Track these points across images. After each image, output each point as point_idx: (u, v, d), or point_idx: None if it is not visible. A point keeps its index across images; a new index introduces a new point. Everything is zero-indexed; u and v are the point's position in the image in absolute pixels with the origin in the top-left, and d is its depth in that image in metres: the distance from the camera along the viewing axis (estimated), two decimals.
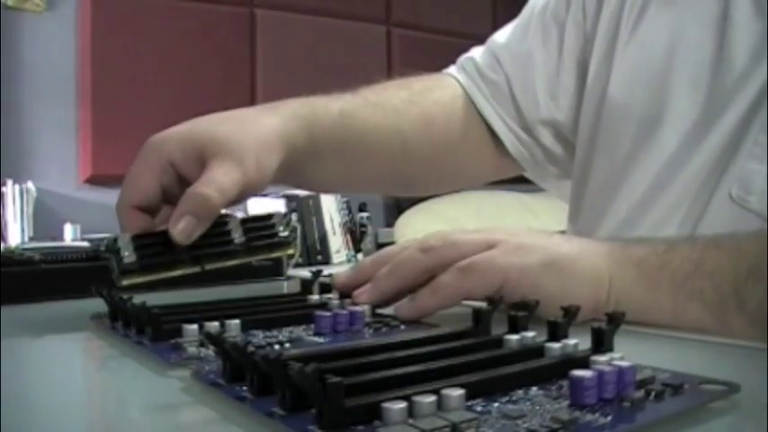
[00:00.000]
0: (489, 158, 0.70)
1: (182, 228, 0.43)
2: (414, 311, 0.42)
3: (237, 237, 0.46)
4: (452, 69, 0.72)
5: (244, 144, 0.48)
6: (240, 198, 0.48)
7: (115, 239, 0.43)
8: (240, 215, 0.48)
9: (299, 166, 0.57)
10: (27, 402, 0.28)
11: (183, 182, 0.47)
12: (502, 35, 0.71)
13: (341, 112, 0.61)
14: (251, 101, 2.56)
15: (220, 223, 0.46)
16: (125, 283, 0.42)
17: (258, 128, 0.51)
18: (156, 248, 0.44)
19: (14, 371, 0.33)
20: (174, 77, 2.40)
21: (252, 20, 2.56)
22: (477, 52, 0.72)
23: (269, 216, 0.48)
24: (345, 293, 0.45)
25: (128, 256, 0.42)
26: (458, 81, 0.70)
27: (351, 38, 2.76)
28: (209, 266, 0.45)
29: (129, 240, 0.43)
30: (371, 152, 0.65)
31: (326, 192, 0.64)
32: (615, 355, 0.28)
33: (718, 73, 0.53)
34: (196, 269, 0.44)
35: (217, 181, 0.45)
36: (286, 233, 0.47)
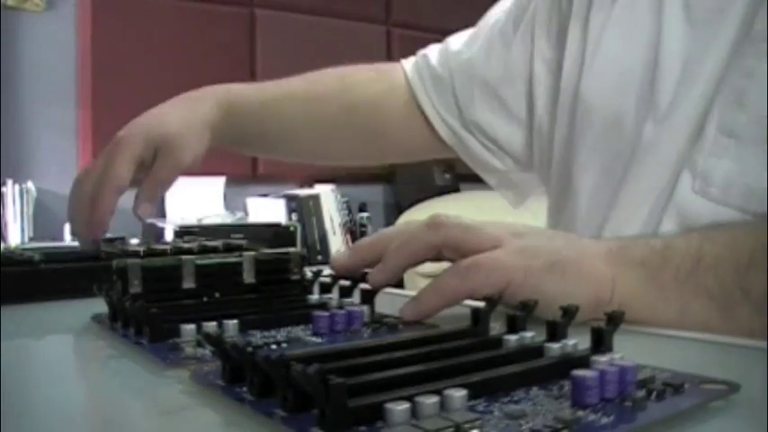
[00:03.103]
0: (422, 142, 0.80)
1: (142, 211, 0.68)
2: (418, 313, 0.41)
3: (248, 277, 0.46)
4: (408, 60, 0.83)
5: (182, 144, 0.69)
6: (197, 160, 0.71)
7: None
8: (252, 254, 0.47)
9: (230, 145, 0.76)
10: (27, 403, 0.28)
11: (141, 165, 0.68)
12: (457, 41, 0.79)
13: (261, 105, 0.76)
14: None
15: (235, 264, 0.46)
16: None
17: (193, 119, 0.71)
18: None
19: (14, 371, 0.33)
20: (174, 77, 2.40)
21: (252, 20, 2.56)
22: (432, 50, 0.80)
23: (284, 255, 0.48)
24: (344, 276, 0.45)
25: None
26: (405, 74, 0.81)
27: (351, 38, 2.76)
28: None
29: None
30: (289, 140, 0.79)
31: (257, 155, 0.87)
32: (615, 354, 0.28)
33: (656, 81, 0.58)
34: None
35: (161, 178, 0.69)
36: (298, 276, 0.48)
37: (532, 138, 0.73)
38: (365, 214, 2.75)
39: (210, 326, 0.36)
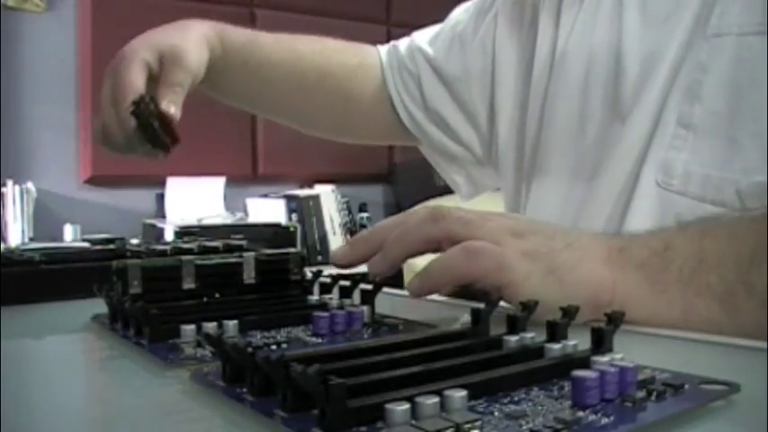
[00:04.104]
0: (385, 125, 0.84)
1: (166, 104, 0.66)
2: (424, 288, 0.42)
3: (248, 277, 0.46)
4: (383, 47, 0.86)
5: (186, 49, 0.72)
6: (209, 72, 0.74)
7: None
8: (252, 254, 0.47)
9: (215, 73, 0.76)
10: (26, 403, 0.28)
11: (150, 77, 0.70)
12: (422, 36, 0.83)
13: (248, 40, 0.80)
14: None
15: (235, 264, 0.46)
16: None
17: (193, 33, 0.75)
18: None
19: (14, 371, 0.33)
20: None
21: (252, 20, 2.56)
22: (402, 43, 0.85)
23: (284, 256, 0.47)
24: (346, 269, 0.46)
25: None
26: (380, 57, 0.84)
27: (351, 38, 2.76)
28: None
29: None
30: (270, 79, 0.81)
31: (238, 107, 0.88)
32: (616, 355, 0.28)
33: (618, 81, 0.60)
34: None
35: (176, 76, 0.70)
36: (298, 276, 0.47)
37: (490, 137, 0.76)
38: (365, 214, 2.75)
39: (210, 326, 0.36)
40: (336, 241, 2.62)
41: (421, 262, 0.44)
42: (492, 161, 0.78)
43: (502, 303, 0.37)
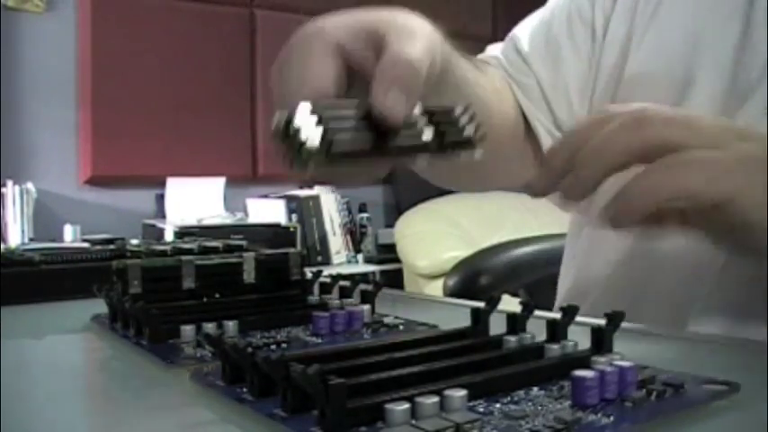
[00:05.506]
0: (524, 157, 0.63)
1: (391, 101, 0.34)
2: (626, 215, 0.33)
3: (248, 277, 0.43)
4: (496, 69, 0.64)
5: (415, 24, 0.40)
6: (425, 84, 0.37)
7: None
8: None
9: (429, 88, 0.41)
10: (27, 403, 0.28)
11: (352, 75, 0.39)
12: (524, 32, 0.65)
13: (452, 52, 0.50)
14: (251, 101, 2.56)
15: (235, 264, 0.44)
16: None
17: (418, 21, 0.42)
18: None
19: (14, 371, 0.33)
20: (173, 78, 2.40)
21: (252, 20, 2.56)
22: (497, 51, 0.66)
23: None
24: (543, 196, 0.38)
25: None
26: (504, 71, 0.63)
27: None
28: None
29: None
30: (472, 98, 0.53)
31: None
32: (615, 355, 0.28)
33: (742, 62, 0.52)
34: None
35: (409, 51, 0.37)
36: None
37: None
38: (365, 215, 2.75)
39: (210, 326, 0.36)
40: (336, 242, 2.62)
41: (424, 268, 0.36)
42: None
43: (500, 304, 0.37)
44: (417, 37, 0.38)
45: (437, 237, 2.24)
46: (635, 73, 0.58)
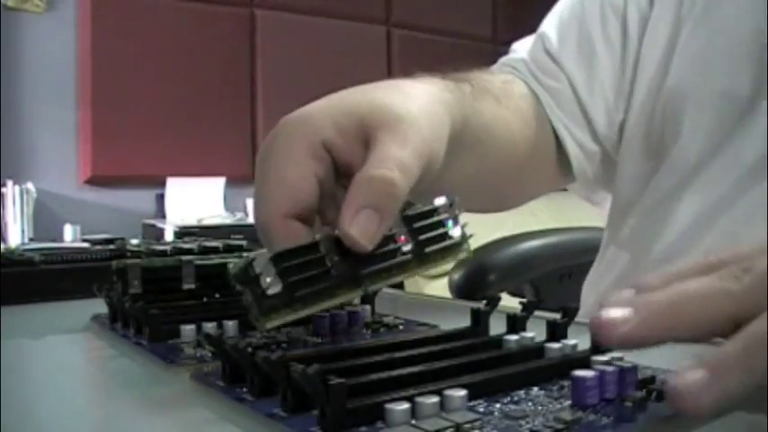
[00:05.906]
0: (550, 173, 0.60)
1: (362, 226, 0.30)
2: (717, 400, 0.22)
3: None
4: (503, 70, 0.61)
5: (411, 112, 0.36)
6: (419, 188, 0.34)
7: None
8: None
9: (429, 183, 0.37)
10: (27, 403, 0.28)
11: (339, 172, 0.36)
12: (553, 28, 0.60)
13: (472, 93, 0.48)
14: (251, 101, 2.56)
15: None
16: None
17: (419, 94, 0.39)
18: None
19: (14, 371, 0.33)
20: (173, 78, 2.41)
21: (252, 20, 2.56)
22: (524, 50, 0.61)
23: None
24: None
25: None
26: (525, 82, 0.59)
27: (351, 38, 2.76)
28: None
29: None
30: (494, 144, 0.51)
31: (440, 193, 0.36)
32: (615, 355, 0.28)
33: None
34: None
35: (395, 157, 0.32)
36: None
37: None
38: None
39: (210, 326, 0.36)
40: None
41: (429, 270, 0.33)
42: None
43: (502, 303, 0.37)
44: (410, 134, 0.34)
45: None
46: (679, 84, 0.53)
